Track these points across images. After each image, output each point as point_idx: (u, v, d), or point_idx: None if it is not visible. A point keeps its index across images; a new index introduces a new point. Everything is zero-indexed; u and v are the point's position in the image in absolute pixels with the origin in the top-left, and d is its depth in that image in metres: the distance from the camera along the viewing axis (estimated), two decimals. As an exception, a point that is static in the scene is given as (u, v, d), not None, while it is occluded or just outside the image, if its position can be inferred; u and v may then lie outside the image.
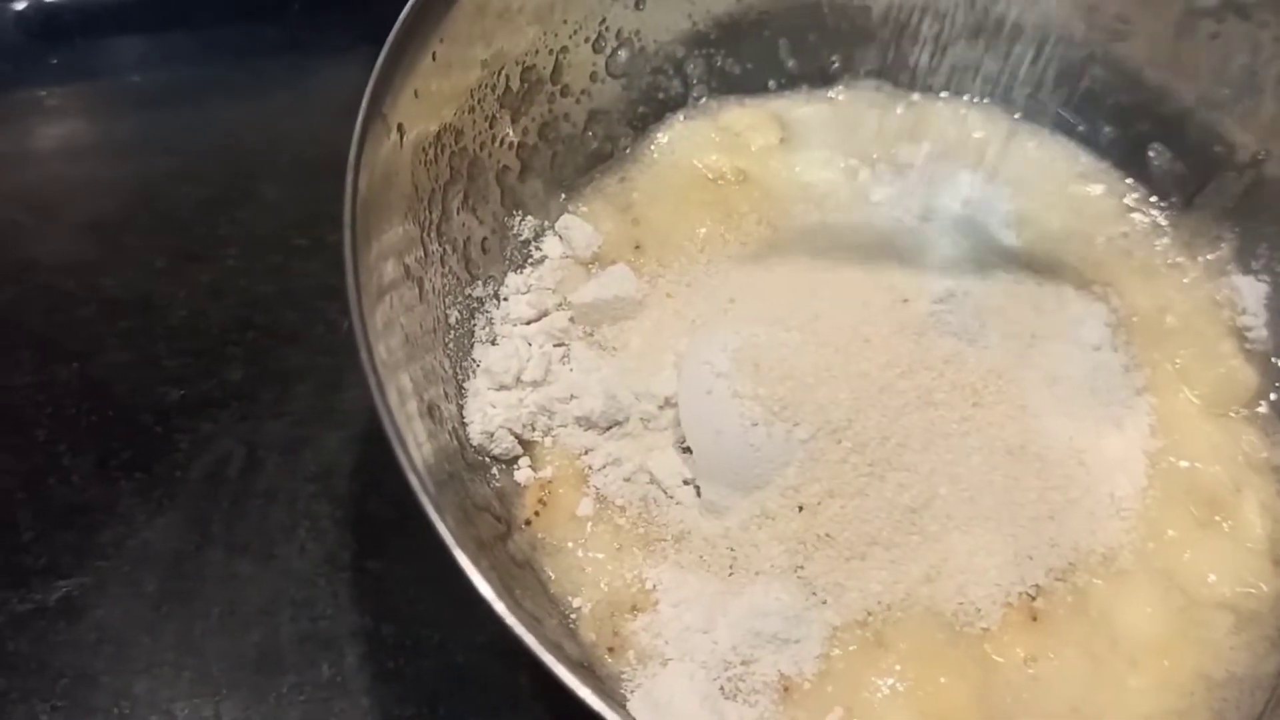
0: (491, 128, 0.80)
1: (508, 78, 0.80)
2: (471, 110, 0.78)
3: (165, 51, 1.04)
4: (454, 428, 0.73)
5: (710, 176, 0.91)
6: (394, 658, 0.76)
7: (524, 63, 0.81)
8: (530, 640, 0.54)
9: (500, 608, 0.54)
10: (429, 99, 0.72)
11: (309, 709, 0.74)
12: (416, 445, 0.62)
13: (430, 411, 0.69)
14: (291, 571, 0.78)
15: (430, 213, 0.74)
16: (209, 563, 0.78)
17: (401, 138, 0.69)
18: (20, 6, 1.05)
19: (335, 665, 0.75)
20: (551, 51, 0.83)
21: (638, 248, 0.87)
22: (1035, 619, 0.74)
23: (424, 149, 0.72)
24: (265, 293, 0.89)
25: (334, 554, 0.79)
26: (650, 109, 0.92)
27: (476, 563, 0.56)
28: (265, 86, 1.02)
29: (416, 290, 0.71)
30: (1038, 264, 0.89)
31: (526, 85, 0.82)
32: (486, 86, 0.78)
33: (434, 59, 0.71)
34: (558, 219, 0.87)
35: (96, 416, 0.83)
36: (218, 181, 0.96)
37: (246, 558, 0.78)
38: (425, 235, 0.73)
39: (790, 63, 0.95)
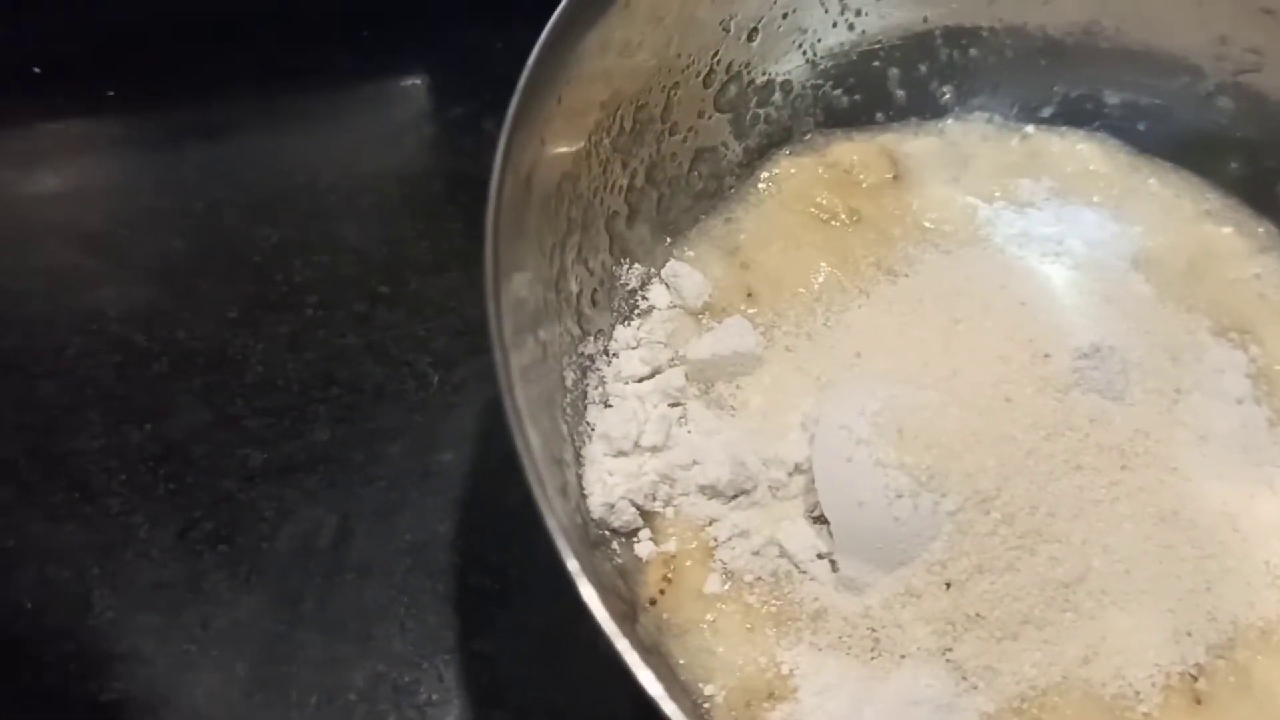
0: (605, 173, 0.75)
1: (622, 119, 0.75)
2: (588, 156, 0.72)
3: (230, 79, 0.97)
4: (576, 503, 0.68)
5: (822, 217, 0.86)
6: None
7: (638, 101, 0.76)
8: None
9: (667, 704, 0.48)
10: (553, 146, 0.66)
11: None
12: (559, 510, 0.56)
13: (564, 491, 0.63)
14: (392, 653, 0.72)
15: (551, 268, 0.68)
16: (303, 645, 0.72)
17: (530, 191, 0.63)
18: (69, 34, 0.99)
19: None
20: (664, 88, 0.78)
21: (750, 295, 0.81)
22: (1199, 701, 0.69)
23: (548, 201, 0.67)
24: (349, 345, 0.83)
25: (436, 633, 0.73)
26: (755, 144, 0.87)
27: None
28: (339, 117, 0.95)
29: (541, 352, 0.66)
30: (1170, 310, 0.84)
31: (639, 125, 0.77)
32: (603, 129, 0.73)
33: (559, 102, 0.66)
34: (664, 265, 0.81)
35: (174, 483, 0.77)
36: (293, 222, 0.89)
37: (343, 638, 0.73)
38: (548, 293, 0.67)
39: (899, 94, 0.90)
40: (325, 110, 0.96)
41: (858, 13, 0.85)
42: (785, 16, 0.82)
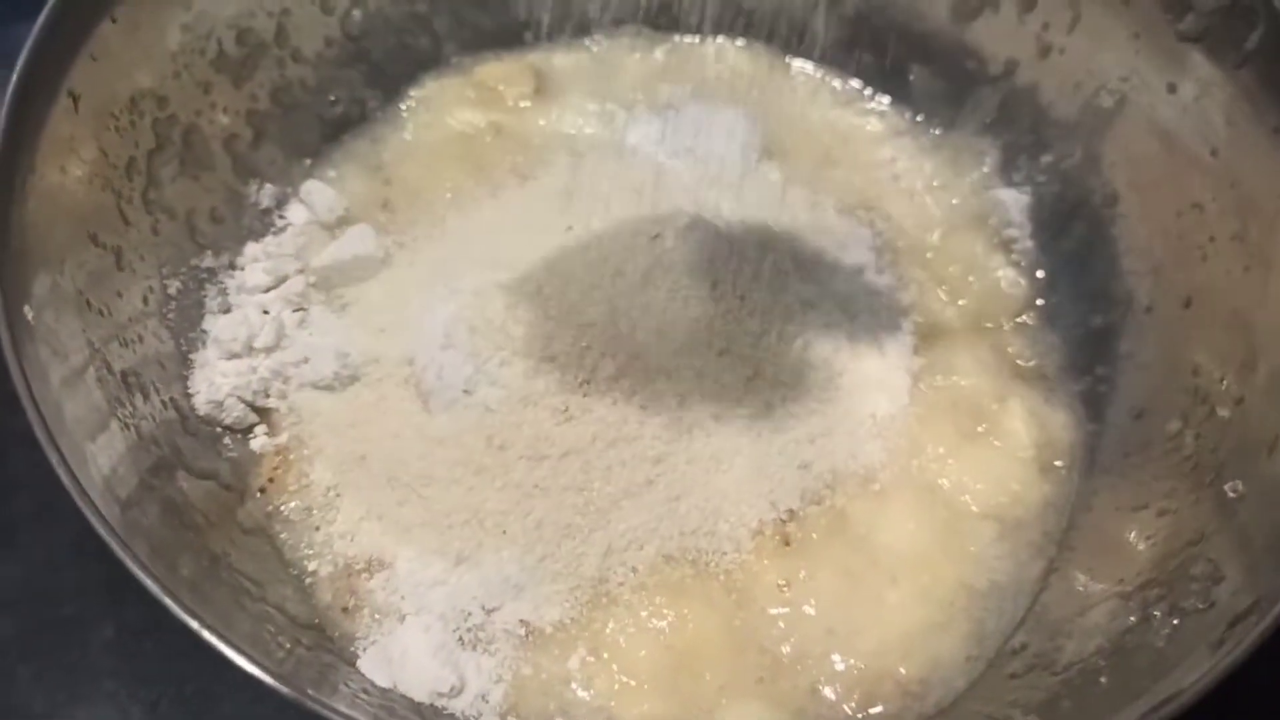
0: (207, 94, 0.78)
1: (219, 41, 0.78)
2: (177, 75, 0.76)
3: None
4: (171, 398, 0.72)
5: (466, 132, 0.90)
6: (141, 639, 0.74)
7: (238, 25, 0.79)
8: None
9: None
10: (112, 63, 0.70)
11: (53, 696, 0.72)
12: (95, 430, 0.61)
13: (127, 383, 0.67)
14: (36, 561, 0.76)
15: (130, 180, 0.72)
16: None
17: (76, 103, 0.67)
18: None
19: (80, 649, 0.74)
20: (271, 14, 0.82)
21: (385, 206, 0.86)
22: (788, 544, 0.73)
23: (112, 115, 0.70)
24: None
25: (80, 541, 0.76)
26: (401, 69, 0.91)
27: (155, 563, 0.55)
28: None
29: (113, 259, 0.69)
30: (797, 193, 0.88)
31: (246, 49, 0.80)
32: (193, 51, 0.77)
33: (114, 21, 0.70)
34: (302, 185, 0.85)
35: None
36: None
37: (-12, 552, 0.76)
38: (123, 203, 0.71)
39: (545, 15, 0.94)
40: None
41: (483, -68, 0.89)
42: (401, -57, 0.86)
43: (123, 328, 0.69)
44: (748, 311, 0.79)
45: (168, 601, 0.54)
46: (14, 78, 0.63)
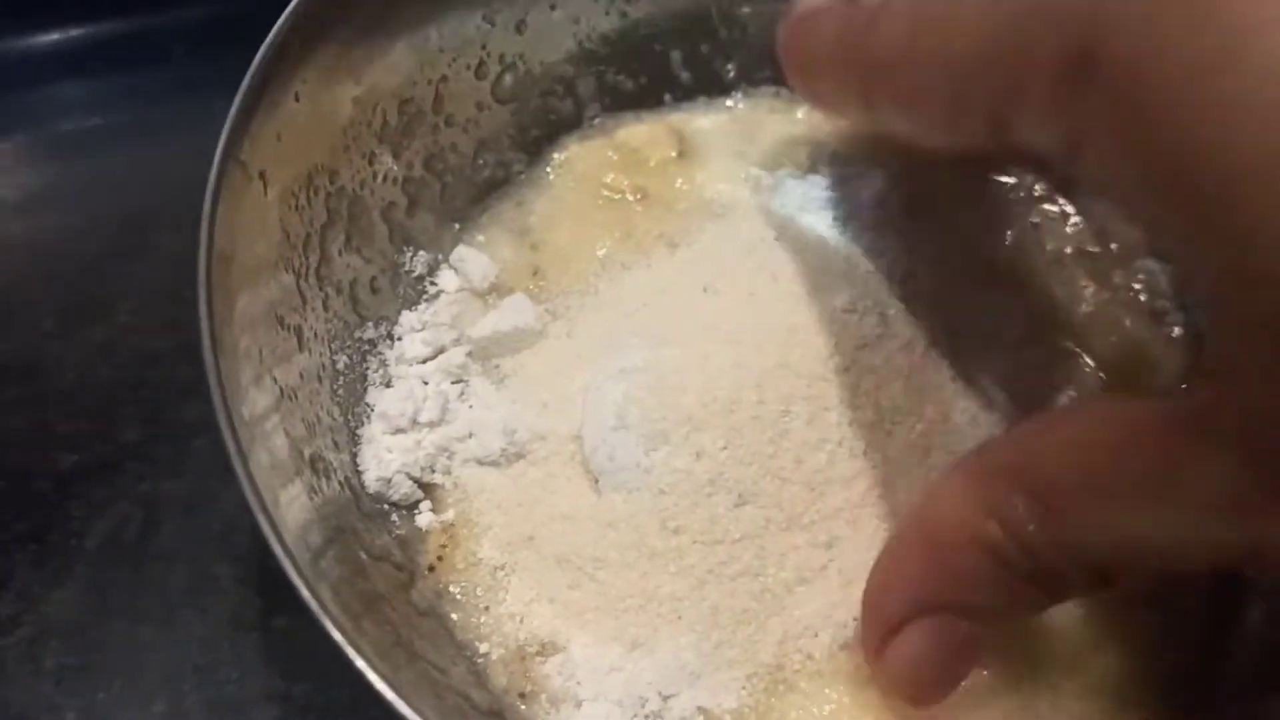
0: (371, 165, 0.78)
1: (384, 112, 0.78)
2: (347, 149, 0.75)
3: (50, 104, 1.01)
4: (346, 478, 0.71)
5: (611, 197, 0.89)
6: (305, 718, 0.74)
7: (401, 95, 0.79)
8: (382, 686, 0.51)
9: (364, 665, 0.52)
10: (295, 141, 0.69)
11: (221, 779, 0.72)
12: (289, 506, 0.60)
13: (314, 465, 0.67)
14: (194, 636, 0.76)
15: (307, 257, 0.71)
16: (109, 633, 0.76)
17: (265, 185, 0.66)
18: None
19: (245, 732, 0.73)
20: (430, 82, 0.81)
21: (536, 274, 0.85)
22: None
23: (293, 193, 0.70)
24: (160, 348, 0.86)
25: (238, 614, 0.76)
26: (543, 131, 0.90)
27: (347, 625, 0.53)
28: (155, 133, 0.99)
29: (295, 340, 0.69)
30: (949, 263, 0.87)
31: (406, 118, 0.80)
32: (361, 123, 0.76)
33: (297, 100, 0.69)
34: (452, 251, 0.84)
35: (-15, 490, 0.81)
36: (108, 235, 0.93)
37: (147, 625, 0.76)
38: (302, 281, 0.71)
39: (684, 75, 0.93)
40: (142, 129, 1.00)
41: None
42: (553, 8, 0.86)
43: (305, 410, 0.69)
44: (907, 390, 0.77)
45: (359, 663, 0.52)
46: (214, 163, 0.62)
